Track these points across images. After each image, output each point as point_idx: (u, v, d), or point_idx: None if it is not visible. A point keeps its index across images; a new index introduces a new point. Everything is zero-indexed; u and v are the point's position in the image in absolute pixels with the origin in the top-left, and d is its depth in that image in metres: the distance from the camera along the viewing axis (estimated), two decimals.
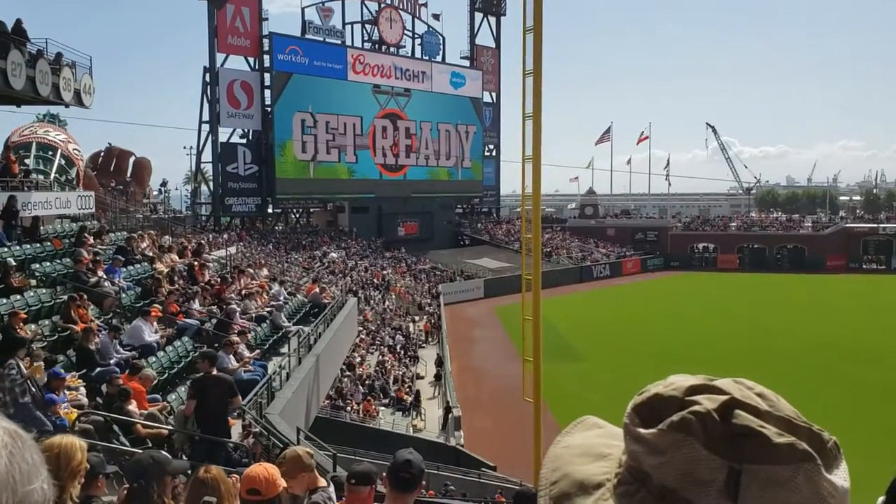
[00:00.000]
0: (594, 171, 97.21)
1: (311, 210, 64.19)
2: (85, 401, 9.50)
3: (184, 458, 7.85)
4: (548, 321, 23.46)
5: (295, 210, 63.02)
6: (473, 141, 75.22)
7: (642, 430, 0.78)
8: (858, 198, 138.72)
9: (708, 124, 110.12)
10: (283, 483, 3.91)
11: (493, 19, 78.64)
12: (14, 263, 13.04)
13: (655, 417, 0.78)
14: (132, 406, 9.37)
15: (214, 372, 9.38)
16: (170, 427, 9.38)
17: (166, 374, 11.78)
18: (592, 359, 36.57)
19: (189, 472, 4.48)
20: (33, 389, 8.36)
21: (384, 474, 4.07)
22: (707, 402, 0.75)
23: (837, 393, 29.73)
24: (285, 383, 13.93)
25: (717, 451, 0.72)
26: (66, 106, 18.57)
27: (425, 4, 69.07)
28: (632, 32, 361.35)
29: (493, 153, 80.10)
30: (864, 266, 72.86)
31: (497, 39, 79.40)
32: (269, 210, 59.90)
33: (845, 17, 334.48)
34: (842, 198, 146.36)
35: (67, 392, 9.18)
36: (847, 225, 77.74)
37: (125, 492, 4.21)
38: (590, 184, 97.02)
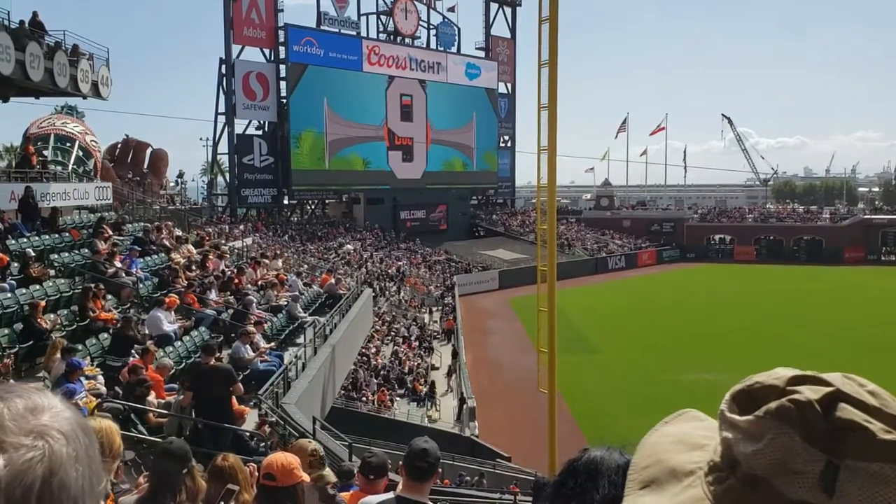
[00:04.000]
0: (609, 163, 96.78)
1: (327, 201, 64.36)
2: (103, 389, 9.59)
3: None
4: (563, 312, 23.44)
5: (310, 201, 63.17)
6: (489, 132, 75.06)
7: (738, 417, 0.76)
8: (877, 189, 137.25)
9: (724, 115, 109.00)
10: (302, 475, 3.93)
11: (508, 10, 78.37)
12: (33, 254, 13.17)
13: (753, 405, 0.76)
14: (150, 396, 9.47)
15: (212, 362, 9.56)
16: (178, 415, 9.44)
17: (184, 364, 11.87)
18: (607, 350, 36.51)
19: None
20: None
21: (400, 463, 4.09)
22: (809, 393, 0.73)
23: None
24: (301, 373, 13.99)
25: (816, 444, 0.69)
26: (84, 97, 18.70)
27: None
28: (648, 23, 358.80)
29: (509, 144, 79.93)
30: (883, 258, 72.13)
31: (512, 30, 79.13)
32: (285, 201, 60.09)
33: (862, 7, 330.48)
34: (860, 189, 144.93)
35: (85, 381, 9.27)
36: (865, 216, 76.92)
37: (147, 480, 4.25)
38: (605, 175, 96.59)
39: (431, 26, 69.21)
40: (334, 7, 60.55)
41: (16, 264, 12.95)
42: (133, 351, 10.93)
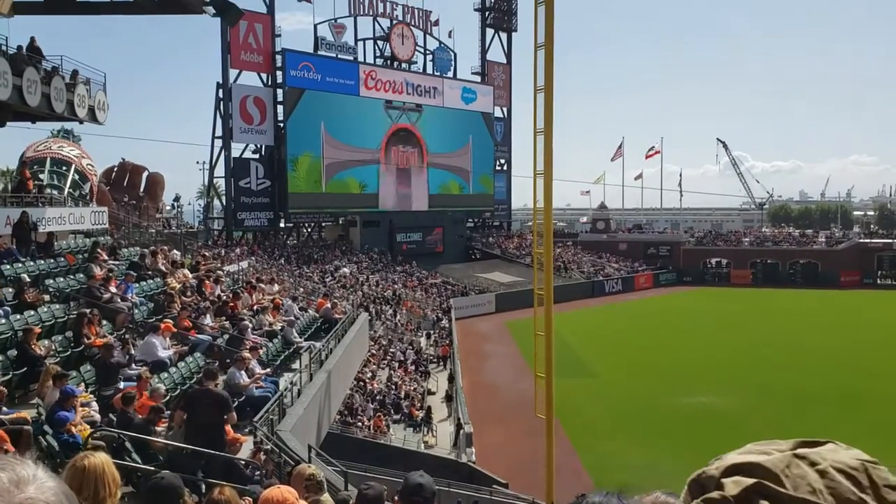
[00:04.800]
0: (605, 186, 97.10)
1: (323, 224, 64.38)
2: (97, 417, 9.50)
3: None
4: (560, 336, 23.38)
5: (307, 224, 63.21)
6: (485, 155, 75.41)
7: None
8: (872, 213, 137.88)
9: (719, 140, 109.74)
10: None
11: (504, 35, 79.10)
12: (28, 279, 13.10)
13: (700, 495, 0.79)
14: (160, 427, 9.39)
15: (211, 386, 9.55)
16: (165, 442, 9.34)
17: (178, 391, 11.77)
18: (605, 375, 36.36)
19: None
20: None
21: (396, 497, 4.03)
22: (731, 487, 0.76)
23: (853, 405, 29.41)
24: (297, 400, 13.89)
25: None
26: (81, 122, 18.72)
27: (437, 22, 69.51)
28: (643, 48, 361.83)
29: (505, 167, 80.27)
30: (879, 282, 72.21)
31: (508, 55, 79.75)
32: (281, 224, 60.11)
33: (856, 32, 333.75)
34: (855, 213, 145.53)
35: (80, 408, 9.18)
36: (861, 240, 77.10)
37: None
38: (601, 198, 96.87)
39: (428, 51, 69.73)
40: (331, 32, 61.02)
41: (10, 290, 12.88)
42: (120, 377, 10.85)
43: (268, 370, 13.59)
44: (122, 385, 10.55)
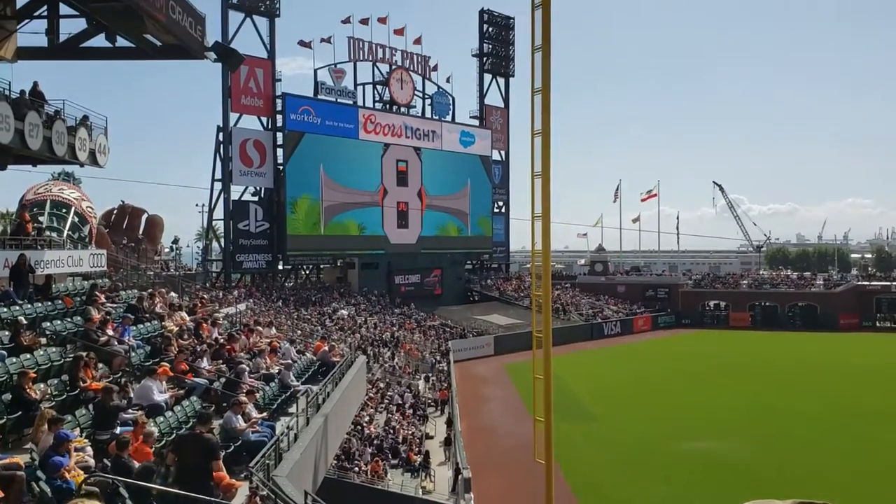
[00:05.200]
0: (603, 229, 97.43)
1: (322, 266, 64.41)
2: (91, 462, 9.38)
3: None
4: (559, 380, 23.20)
5: (305, 267, 63.24)
6: (483, 198, 75.89)
7: None
8: (870, 255, 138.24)
9: (715, 183, 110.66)
10: None
11: (502, 80, 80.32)
12: (25, 322, 13.04)
13: None
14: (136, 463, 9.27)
15: (203, 431, 9.65)
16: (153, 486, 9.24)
17: (174, 435, 11.64)
18: (605, 419, 36.06)
19: None
20: None
21: None
22: None
23: (853, 453, 29.13)
24: (293, 444, 13.72)
25: None
26: (81, 165, 18.82)
27: (435, 67, 70.54)
28: (638, 93, 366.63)
29: (503, 209, 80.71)
30: (879, 324, 72.07)
31: (506, 99, 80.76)
32: (280, 267, 60.12)
33: (851, 76, 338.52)
34: (853, 255, 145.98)
35: (74, 453, 9.07)
36: (859, 283, 77.16)
37: None
38: (599, 240, 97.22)
39: (427, 96, 70.61)
40: (332, 77, 61.83)
41: (6, 332, 12.81)
42: (118, 422, 10.73)
43: (264, 414, 13.46)
44: (118, 430, 10.44)
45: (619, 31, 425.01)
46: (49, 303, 15.77)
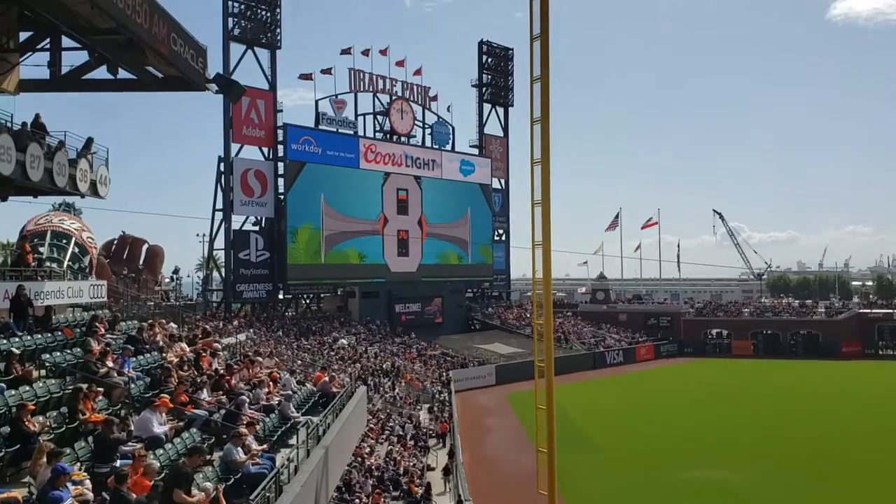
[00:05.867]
0: (604, 257, 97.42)
1: (322, 295, 64.32)
2: (90, 496, 9.27)
3: None
4: (562, 409, 23.03)
5: (305, 296, 63.15)
6: (483, 226, 76.06)
7: None
8: (871, 283, 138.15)
9: (715, 211, 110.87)
10: None
11: (501, 110, 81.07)
12: (17, 352, 12.92)
13: None
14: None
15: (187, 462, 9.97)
16: None
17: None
18: (609, 449, 35.75)
19: None
20: None
21: None
22: None
23: (857, 481, 28.85)
24: (293, 477, 13.57)
25: None
26: (83, 196, 18.84)
27: (435, 97, 71.17)
28: (636, 122, 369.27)
29: (503, 237, 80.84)
30: (881, 352, 71.75)
31: (505, 129, 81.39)
32: (280, 296, 60.03)
33: (850, 106, 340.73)
34: (854, 283, 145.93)
35: (72, 486, 8.97)
36: (861, 310, 76.99)
37: None
38: (600, 268, 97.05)
39: (427, 125, 71.13)
40: (332, 108, 62.32)
41: (2, 364, 12.72)
42: (118, 454, 10.63)
43: (264, 446, 13.35)
44: (118, 463, 10.33)
45: (617, 61, 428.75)
46: (49, 334, 15.70)
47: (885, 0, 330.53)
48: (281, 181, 58.45)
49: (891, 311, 74.63)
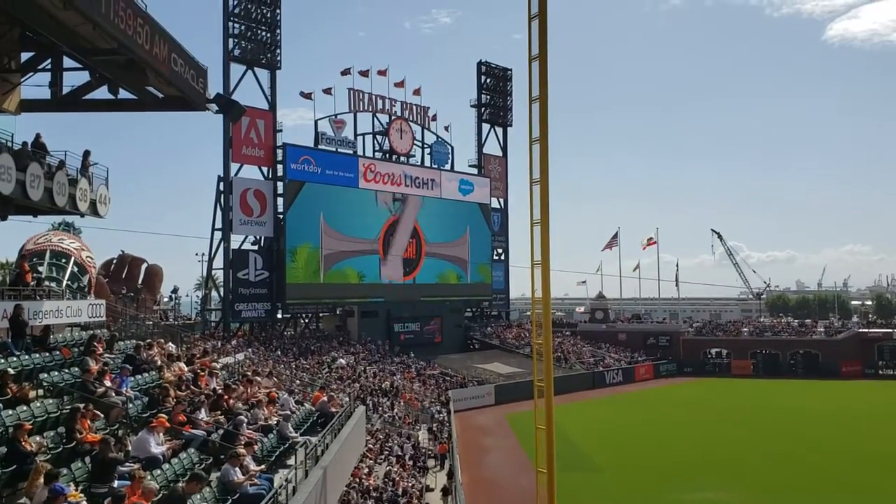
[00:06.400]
0: (603, 277, 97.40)
1: (321, 315, 64.22)
2: None
3: None
4: (561, 430, 22.95)
5: (304, 315, 63.05)
6: (482, 245, 76.12)
7: None
8: (870, 302, 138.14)
9: (713, 230, 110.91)
10: None
11: (500, 130, 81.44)
12: (12, 372, 12.86)
13: None
14: None
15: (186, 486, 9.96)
16: None
17: (171, 488, 11.43)
18: (609, 469, 35.54)
19: None
20: None
21: None
22: None
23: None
24: (291, 497, 13.48)
25: None
26: (82, 216, 18.85)
27: (434, 117, 71.49)
28: (635, 143, 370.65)
29: (502, 257, 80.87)
30: (881, 372, 71.59)
31: (504, 148, 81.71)
32: (279, 315, 59.89)
33: (847, 126, 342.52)
34: (853, 302, 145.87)
35: None
36: (860, 330, 76.90)
37: None
38: (599, 288, 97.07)
39: (426, 145, 71.36)
40: (332, 128, 62.54)
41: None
42: (116, 475, 10.55)
43: (262, 467, 13.27)
44: (116, 483, 10.26)
45: (616, 81, 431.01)
46: (47, 353, 15.65)
47: (880, 21, 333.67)
48: (280, 200, 58.53)
49: (890, 330, 74.54)
